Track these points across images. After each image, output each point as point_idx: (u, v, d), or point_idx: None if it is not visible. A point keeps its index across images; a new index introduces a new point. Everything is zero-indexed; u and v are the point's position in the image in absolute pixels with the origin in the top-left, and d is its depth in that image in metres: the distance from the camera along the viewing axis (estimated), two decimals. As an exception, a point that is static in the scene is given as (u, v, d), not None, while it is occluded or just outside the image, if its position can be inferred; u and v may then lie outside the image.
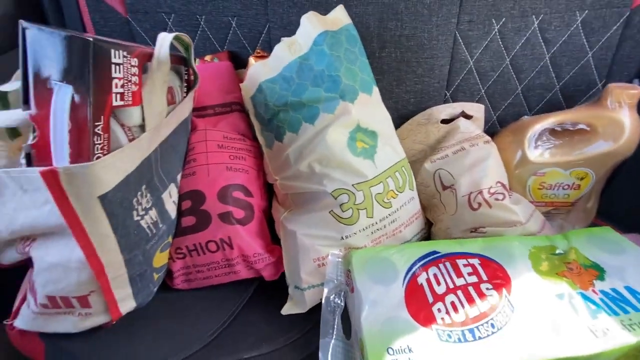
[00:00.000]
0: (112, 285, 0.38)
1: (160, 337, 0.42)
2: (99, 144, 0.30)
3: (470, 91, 0.55)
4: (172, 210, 0.44)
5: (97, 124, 0.29)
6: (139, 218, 0.38)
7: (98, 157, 0.30)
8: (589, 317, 0.35)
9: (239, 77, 0.55)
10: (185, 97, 0.45)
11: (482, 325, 0.34)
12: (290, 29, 0.53)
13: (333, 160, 0.42)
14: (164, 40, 0.36)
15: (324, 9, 0.46)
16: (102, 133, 0.30)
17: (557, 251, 0.43)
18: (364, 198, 0.42)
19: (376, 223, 0.44)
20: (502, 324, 0.34)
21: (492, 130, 0.58)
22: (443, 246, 0.43)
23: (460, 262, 0.41)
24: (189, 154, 0.48)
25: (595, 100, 0.50)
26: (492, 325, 0.34)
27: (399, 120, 0.56)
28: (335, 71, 0.41)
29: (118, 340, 0.41)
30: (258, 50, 0.53)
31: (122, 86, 0.31)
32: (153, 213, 0.40)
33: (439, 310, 0.36)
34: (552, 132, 0.51)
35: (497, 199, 0.46)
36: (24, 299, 0.43)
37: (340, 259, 0.43)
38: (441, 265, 0.41)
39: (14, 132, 0.44)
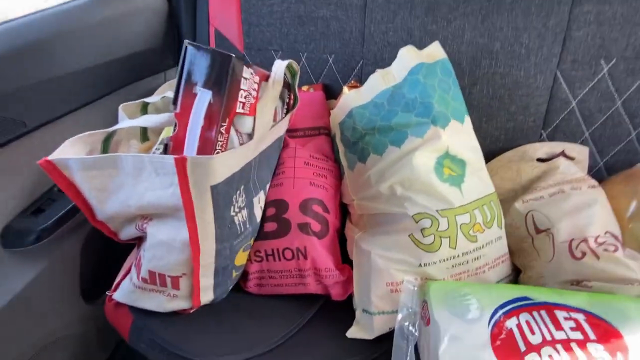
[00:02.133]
0: (201, 271, 0.41)
1: (227, 333, 0.44)
2: (220, 141, 0.36)
3: (571, 133, 0.51)
4: (258, 214, 0.48)
5: (222, 124, 0.35)
6: (234, 214, 0.42)
7: (217, 153, 0.36)
8: None
9: (329, 106, 0.60)
10: (284, 117, 0.51)
11: (592, 390, 0.29)
12: (382, 64, 0.57)
13: (417, 183, 0.42)
14: (280, 65, 0.42)
15: (418, 48, 0.49)
16: (224, 133, 0.36)
17: (694, 325, 0.35)
18: (448, 226, 0.41)
19: (459, 256, 0.42)
20: (620, 395, 0.28)
21: (598, 178, 0.52)
22: (537, 293, 0.38)
23: (560, 313, 0.36)
24: (278, 167, 0.53)
25: None
26: (607, 394, 0.28)
27: (487, 158, 0.53)
28: (429, 98, 0.42)
29: (192, 328, 0.44)
30: (352, 81, 0.58)
31: (245, 97, 0.37)
32: (244, 213, 0.44)
33: (534, 362, 0.31)
34: (681, 183, 0.44)
35: (606, 250, 0.40)
36: (125, 275, 0.49)
37: (415, 288, 0.41)
38: (535, 313, 0.36)
39: (144, 137, 0.53)
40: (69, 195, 0.39)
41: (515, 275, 0.48)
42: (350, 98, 0.51)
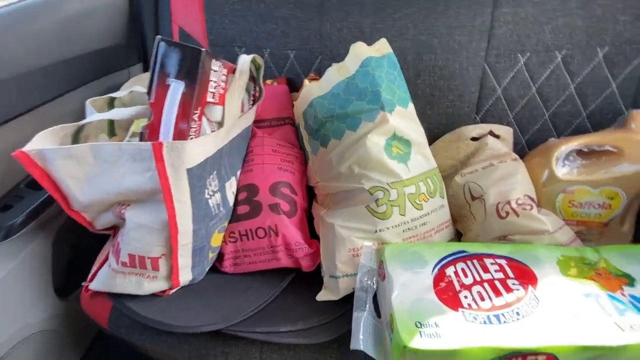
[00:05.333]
0: (179, 251, 0.45)
1: (208, 308, 0.47)
2: (193, 128, 0.39)
3: (499, 116, 0.60)
4: (230, 199, 0.52)
5: (195, 112, 0.39)
6: (208, 197, 0.45)
7: (191, 138, 0.39)
8: (616, 313, 0.36)
9: (293, 98, 0.65)
10: (251, 108, 0.55)
11: (507, 312, 0.37)
12: (339, 59, 0.63)
13: (371, 162, 0.48)
14: (245, 59, 0.46)
15: (369, 44, 0.56)
16: (197, 120, 0.39)
17: (587, 261, 0.44)
18: (398, 196, 0.47)
19: (408, 222, 0.48)
20: (527, 313, 0.36)
21: (521, 153, 0.62)
22: (471, 247, 0.46)
23: (488, 260, 0.44)
24: (248, 155, 0.57)
25: (620, 125, 0.53)
26: (517, 313, 0.36)
27: (432, 139, 0.61)
28: (377, 87, 0.49)
29: (172, 306, 0.47)
30: (312, 74, 0.63)
31: (215, 88, 0.41)
32: (218, 196, 0.48)
33: (466, 297, 0.39)
34: (580, 152, 0.54)
35: (524, 209, 0.49)
36: (101, 265, 0.51)
37: (373, 251, 0.47)
38: (469, 262, 0.43)
39: (112, 132, 0.55)
40: (43, 186, 0.41)
41: (458, 239, 0.56)
42: (311, 90, 0.56)
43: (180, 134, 0.39)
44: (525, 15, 0.56)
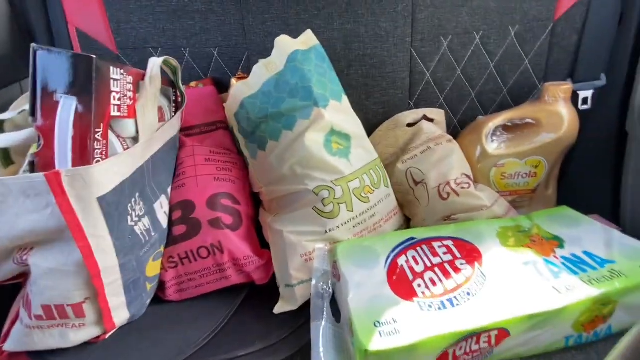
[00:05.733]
0: (107, 291, 0.39)
1: (154, 345, 0.42)
2: (99, 149, 0.33)
3: (430, 99, 0.62)
4: (163, 220, 0.47)
5: (97, 130, 0.33)
6: (132, 223, 0.40)
7: (97, 162, 0.34)
8: (552, 277, 0.38)
9: (222, 100, 0.60)
10: (174, 116, 0.50)
11: (458, 294, 0.37)
12: (266, 54, 0.59)
13: (312, 160, 0.46)
14: (155, 62, 0.41)
15: (295, 36, 0.53)
16: (101, 139, 0.34)
17: (522, 229, 0.47)
18: (343, 193, 0.46)
19: (357, 217, 0.48)
20: (477, 291, 0.38)
21: (455, 132, 0.64)
22: (419, 233, 0.47)
23: (436, 244, 0.44)
24: (178, 168, 0.51)
25: (536, 98, 0.57)
26: (468, 293, 0.37)
27: (371, 129, 0.61)
28: (308, 82, 0.46)
29: (110, 353, 0.41)
30: (239, 73, 0.58)
31: (119, 99, 0.35)
32: (146, 221, 0.43)
33: (419, 285, 0.39)
34: (505, 127, 0.58)
35: (463, 188, 0.51)
36: (14, 322, 0.43)
37: (326, 252, 0.46)
38: (419, 249, 0.44)
39: (7, 161, 0.46)
40: None
41: (407, 224, 0.57)
42: (240, 89, 0.52)
43: (82, 159, 0.33)
44: (443, -1, 0.57)
